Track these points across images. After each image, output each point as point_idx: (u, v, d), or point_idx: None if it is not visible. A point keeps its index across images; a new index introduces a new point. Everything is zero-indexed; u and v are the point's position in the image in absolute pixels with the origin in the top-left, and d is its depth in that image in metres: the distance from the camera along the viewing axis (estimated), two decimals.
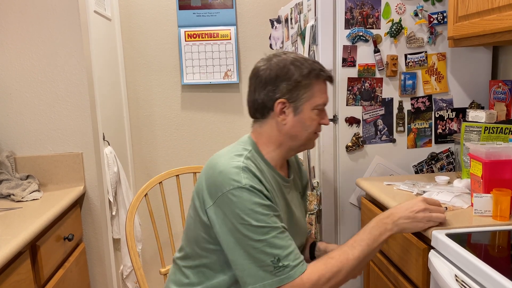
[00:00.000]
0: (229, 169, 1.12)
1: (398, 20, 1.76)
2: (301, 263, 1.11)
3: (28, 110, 1.88)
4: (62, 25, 1.85)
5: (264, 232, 1.09)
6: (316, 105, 1.21)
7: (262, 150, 1.24)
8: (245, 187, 1.10)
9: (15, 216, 1.53)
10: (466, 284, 1.02)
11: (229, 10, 2.73)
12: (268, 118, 1.22)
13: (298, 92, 1.18)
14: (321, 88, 1.22)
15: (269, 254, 1.08)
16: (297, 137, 1.23)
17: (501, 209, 1.23)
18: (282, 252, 1.09)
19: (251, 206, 1.09)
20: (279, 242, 1.09)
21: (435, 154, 1.86)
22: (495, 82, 1.78)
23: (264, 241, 1.08)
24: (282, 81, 1.18)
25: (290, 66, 1.18)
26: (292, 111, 1.20)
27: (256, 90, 1.22)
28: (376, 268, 1.65)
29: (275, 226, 1.10)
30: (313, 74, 1.19)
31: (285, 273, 1.08)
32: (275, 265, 1.08)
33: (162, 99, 2.82)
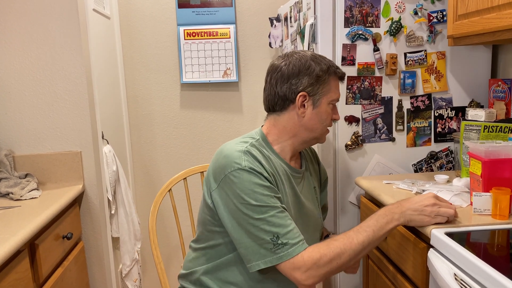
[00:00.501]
0: (232, 153, 1.20)
1: (397, 19, 1.76)
2: (301, 241, 1.15)
3: (27, 108, 1.88)
4: (61, 24, 1.85)
5: (263, 211, 1.14)
6: (332, 100, 1.30)
7: (272, 140, 1.31)
8: (245, 169, 1.17)
9: (14, 214, 1.53)
10: (465, 283, 1.02)
11: (228, 9, 2.73)
12: (287, 110, 1.29)
13: (318, 86, 1.27)
14: (336, 84, 1.32)
15: (268, 232, 1.13)
16: (313, 130, 1.31)
17: (500, 208, 1.23)
18: (281, 230, 1.13)
19: (251, 186, 1.15)
20: (278, 221, 1.14)
21: (435, 153, 1.86)
22: (494, 80, 1.78)
23: (263, 220, 1.14)
24: (304, 75, 1.26)
25: (311, 62, 1.26)
26: (312, 104, 1.28)
27: (277, 84, 1.28)
28: (375, 267, 1.65)
29: (274, 206, 1.16)
30: (331, 70, 1.28)
31: (284, 250, 1.12)
32: (275, 243, 1.13)
33: (161, 97, 2.82)
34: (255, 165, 1.18)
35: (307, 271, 1.12)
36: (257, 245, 1.14)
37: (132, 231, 2.35)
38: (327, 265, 1.12)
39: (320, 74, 1.26)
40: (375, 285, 1.67)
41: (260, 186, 1.16)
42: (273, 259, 1.13)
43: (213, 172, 1.23)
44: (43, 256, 1.50)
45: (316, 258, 1.12)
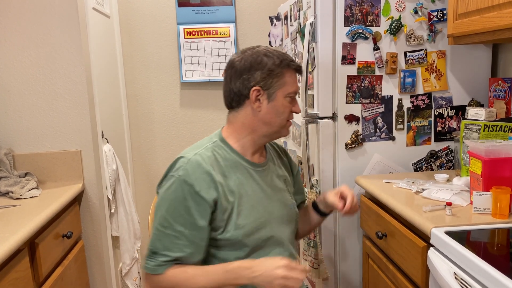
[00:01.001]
0: (180, 158, 1.24)
1: (397, 18, 1.76)
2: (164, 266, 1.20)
3: (26, 107, 1.88)
4: (61, 23, 1.84)
5: (164, 225, 1.20)
6: (288, 93, 1.29)
7: (231, 139, 1.32)
8: (179, 178, 1.20)
9: (14, 213, 1.53)
10: (465, 282, 1.02)
11: (228, 7, 2.72)
12: (243, 106, 1.30)
13: (272, 80, 1.26)
14: (292, 77, 1.30)
15: (153, 242, 1.21)
16: (270, 123, 1.30)
17: (500, 207, 1.23)
18: (161, 250, 1.20)
19: (171, 197, 1.20)
20: (167, 243, 1.20)
21: (435, 152, 1.86)
22: (494, 80, 1.78)
23: (158, 231, 1.21)
24: (256, 70, 1.26)
25: (263, 57, 1.27)
26: (266, 98, 1.28)
27: (232, 80, 1.30)
28: (375, 266, 1.65)
29: (175, 228, 1.19)
30: (284, 64, 1.28)
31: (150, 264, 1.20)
32: (151, 253, 1.21)
33: (161, 96, 2.81)
34: (193, 176, 1.19)
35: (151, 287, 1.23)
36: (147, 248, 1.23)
37: (132, 230, 2.35)
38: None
39: (273, 68, 1.26)
40: (375, 284, 1.67)
41: (180, 202, 1.19)
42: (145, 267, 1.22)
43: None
44: (43, 255, 1.50)
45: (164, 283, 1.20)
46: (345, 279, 1.90)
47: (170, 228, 1.20)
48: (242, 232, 1.23)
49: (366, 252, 1.75)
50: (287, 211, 1.37)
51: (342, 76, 1.77)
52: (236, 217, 1.23)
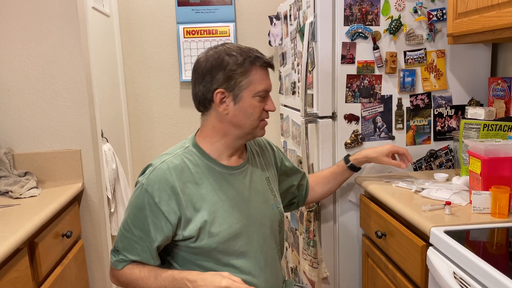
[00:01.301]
0: (150, 166, 1.24)
1: (397, 17, 1.76)
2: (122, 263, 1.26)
3: (26, 106, 1.88)
4: (61, 22, 1.84)
5: (125, 227, 1.24)
6: (256, 92, 1.22)
7: (204, 143, 1.27)
8: (142, 186, 1.20)
9: (13, 213, 1.53)
10: (464, 281, 1.03)
11: (228, 7, 2.72)
12: (211, 109, 1.25)
13: (235, 81, 1.20)
14: (260, 74, 1.23)
15: (116, 241, 1.27)
16: (240, 125, 1.24)
17: (499, 206, 1.23)
18: (121, 250, 1.25)
19: (134, 203, 1.22)
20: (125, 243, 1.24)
21: (434, 151, 1.86)
22: (494, 79, 1.77)
23: (120, 231, 1.25)
24: (218, 71, 1.20)
25: (225, 56, 1.20)
26: (232, 100, 1.22)
27: (196, 84, 1.25)
28: (374, 265, 1.65)
29: (133, 233, 1.22)
30: (248, 61, 1.20)
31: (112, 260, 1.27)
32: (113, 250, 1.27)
33: (160, 96, 2.82)
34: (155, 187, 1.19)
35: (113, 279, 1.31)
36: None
37: None
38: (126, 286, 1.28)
39: (234, 68, 1.19)
40: (374, 283, 1.67)
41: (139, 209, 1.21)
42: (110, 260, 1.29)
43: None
44: (43, 254, 1.50)
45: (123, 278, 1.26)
46: (344, 278, 1.90)
47: (130, 232, 1.23)
48: (217, 240, 1.21)
49: (365, 252, 1.75)
50: (269, 212, 1.34)
51: (341, 75, 1.77)
52: (210, 226, 1.21)
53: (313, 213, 1.83)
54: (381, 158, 1.57)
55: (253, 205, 1.30)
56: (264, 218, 1.32)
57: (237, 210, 1.26)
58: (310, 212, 1.84)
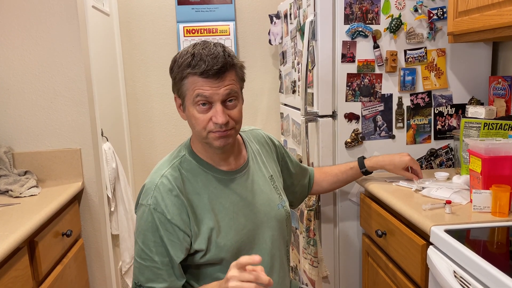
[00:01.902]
0: (148, 184, 1.17)
1: (397, 16, 1.75)
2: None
3: (26, 105, 1.88)
4: (60, 21, 1.84)
5: (143, 257, 1.15)
6: (193, 101, 1.12)
7: (198, 149, 1.22)
8: (149, 208, 1.14)
9: (13, 212, 1.53)
10: (464, 280, 1.02)
11: (228, 6, 2.72)
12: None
13: (179, 88, 1.15)
14: (196, 82, 1.11)
15: (137, 275, 1.16)
16: (195, 133, 1.19)
17: (500, 205, 1.23)
18: (145, 283, 1.15)
19: (144, 227, 1.14)
20: (148, 274, 1.15)
21: (434, 150, 1.86)
22: (494, 78, 1.77)
23: (139, 263, 1.16)
24: (171, 74, 1.17)
25: (175, 60, 1.14)
26: (182, 107, 1.18)
27: None
28: (374, 264, 1.65)
29: (153, 259, 1.14)
30: (182, 68, 1.12)
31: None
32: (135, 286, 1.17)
33: (160, 95, 2.81)
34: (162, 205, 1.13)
35: None
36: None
37: (132, 228, 2.35)
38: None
39: (176, 74, 1.13)
40: (374, 282, 1.67)
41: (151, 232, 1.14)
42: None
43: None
44: (43, 253, 1.50)
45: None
46: (344, 277, 1.90)
47: (149, 259, 1.14)
48: (225, 249, 1.18)
49: (365, 251, 1.75)
50: (274, 213, 1.29)
51: (342, 74, 1.77)
52: (216, 236, 1.17)
53: (313, 212, 1.83)
54: (398, 171, 1.59)
55: (258, 208, 1.26)
56: (270, 220, 1.28)
57: (242, 215, 1.22)
58: (310, 211, 1.84)
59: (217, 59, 1.10)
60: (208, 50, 1.11)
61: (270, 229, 1.27)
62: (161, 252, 1.14)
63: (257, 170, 1.32)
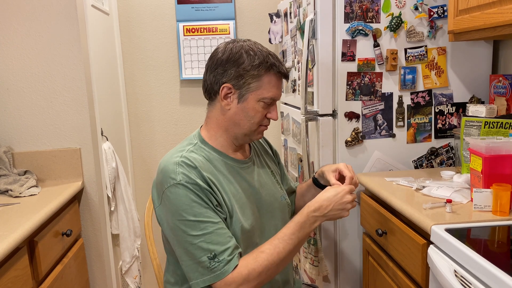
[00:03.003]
0: (168, 166, 1.16)
1: (398, 14, 1.75)
2: (234, 257, 1.13)
3: (25, 105, 1.87)
4: (60, 20, 1.84)
5: (202, 227, 1.12)
6: (262, 98, 1.21)
7: (210, 137, 1.27)
8: (181, 183, 1.13)
9: (13, 211, 1.52)
10: (465, 280, 1.02)
11: (228, 4, 2.71)
12: (214, 101, 1.26)
13: (245, 81, 1.19)
14: (272, 81, 1.21)
15: (206, 250, 1.11)
16: (239, 125, 1.23)
17: (501, 204, 1.23)
18: (219, 248, 1.11)
19: (188, 202, 1.12)
20: (216, 238, 1.12)
21: (435, 149, 1.86)
22: (495, 76, 1.77)
23: (202, 236, 1.11)
24: (231, 66, 1.19)
25: (243, 54, 1.19)
26: (237, 98, 1.21)
27: (207, 71, 1.24)
28: (375, 263, 1.65)
29: (213, 221, 1.13)
30: (264, 66, 1.19)
31: (220, 268, 1.11)
32: (211, 260, 1.11)
33: (160, 94, 2.81)
34: (192, 176, 1.14)
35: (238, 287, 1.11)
36: (194, 263, 1.12)
37: (132, 228, 2.35)
38: (256, 279, 1.13)
39: (249, 69, 1.18)
40: (375, 281, 1.67)
41: (197, 200, 1.13)
42: (210, 278, 1.11)
43: (155, 188, 1.21)
44: (43, 253, 1.49)
45: (245, 275, 1.11)
46: (345, 277, 1.89)
47: (210, 225, 1.12)
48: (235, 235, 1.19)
49: (366, 250, 1.75)
50: (278, 204, 1.35)
51: (342, 73, 1.76)
52: (232, 216, 1.20)
53: None
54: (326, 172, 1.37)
55: (264, 198, 1.31)
56: (274, 210, 1.33)
57: (251, 202, 1.27)
58: None
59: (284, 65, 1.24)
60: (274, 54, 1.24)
61: (275, 219, 1.33)
62: (214, 215, 1.14)
63: (260, 164, 1.38)
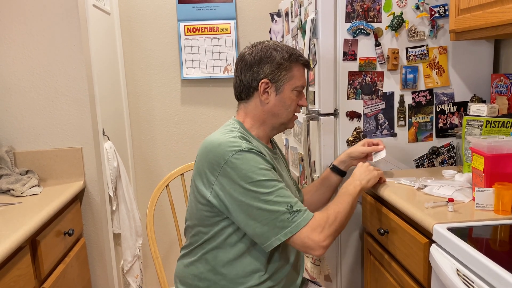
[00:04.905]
0: (228, 140, 1.25)
1: (399, 13, 1.75)
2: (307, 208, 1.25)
3: (27, 104, 1.88)
4: (61, 19, 1.84)
5: (273, 185, 1.21)
6: (296, 87, 1.36)
7: (249, 127, 1.38)
8: (246, 150, 1.23)
9: (15, 211, 1.53)
10: (467, 278, 1.02)
11: (229, 4, 2.71)
12: (252, 97, 1.37)
13: (280, 74, 1.33)
14: (300, 71, 1.38)
15: (282, 203, 1.20)
16: (278, 115, 1.37)
17: (502, 203, 1.23)
18: (292, 200, 1.22)
19: (256, 164, 1.22)
20: (286, 193, 1.23)
21: (436, 148, 1.86)
22: (496, 75, 1.77)
23: (275, 192, 1.21)
24: (265, 63, 1.33)
25: (273, 51, 1.33)
26: (274, 91, 1.35)
27: (242, 72, 1.35)
28: (377, 262, 1.65)
29: (279, 180, 1.25)
30: (293, 58, 1.34)
31: (300, 216, 1.20)
32: (290, 211, 1.20)
33: (161, 93, 2.81)
34: (254, 146, 1.25)
35: (323, 231, 1.21)
36: (273, 220, 1.19)
37: (133, 227, 2.35)
38: (334, 223, 1.24)
39: (281, 62, 1.32)
40: (377, 280, 1.67)
41: (264, 162, 1.24)
42: (292, 228, 1.19)
43: (209, 165, 1.25)
44: (45, 253, 1.50)
45: (325, 217, 1.23)
46: (347, 276, 1.90)
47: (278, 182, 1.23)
48: None
49: (367, 249, 1.75)
50: (295, 194, 1.46)
51: (343, 72, 1.76)
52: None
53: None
54: (358, 148, 1.62)
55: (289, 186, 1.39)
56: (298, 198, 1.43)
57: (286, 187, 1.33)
58: None
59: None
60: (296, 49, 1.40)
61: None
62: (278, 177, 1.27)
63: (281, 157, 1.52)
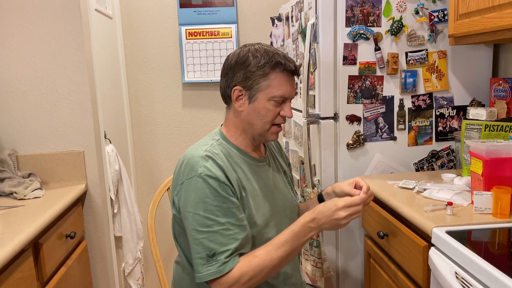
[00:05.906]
0: (192, 159, 1.20)
1: (398, 18, 1.76)
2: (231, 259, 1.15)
3: (29, 108, 1.89)
4: (63, 24, 1.85)
5: (208, 224, 1.15)
6: (272, 96, 1.24)
7: (230, 136, 1.32)
8: (201, 176, 1.17)
9: (18, 214, 1.54)
10: (466, 282, 1.03)
11: (230, 8, 2.73)
12: (230, 104, 1.31)
13: (253, 81, 1.23)
14: (280, 80, 1.24)
15: (206, 247, 1.14)
16: (253, 125, 1.28)
17: (501, 207, 1.24)
18: (219, 248, 1.14)
19: (203, 196, 1.16)
20: (219, 238, 1.15)
21: (436, 152, 1.87)
22: (495, 80, 1.78)
23: (206, 233, 1.15)
24: (239, 69, 1.24)
25: (250, 56, 1.24)
26: (248, 99, 1.26)
27: (221, 76, 1.31)
28: (376, 265, 1.66)
29: (220, 222, 1.15)
30: (269, 65, 1.22)
31: (214, 268, 1.13)
32: (209, 258, 1.14)
33: (163, 97, 2.82)
34: (213, 170, 1.17)
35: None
36: (196, 258, 1.16)
37: (135, 230, 2.36)
38: (247, 282, 1.15)
39: (254, 70, 1.22)
40: (376, 283, 1.67)
41: (213, 196, 1.16)
42: (202, 275, 1.14)
43: (175, 178, 1.25)
44: (47, 255, 1.51)
45: (237, 277, 1.14)
46: (346, 279, 1.90)
47: (216, 224, 1.15)
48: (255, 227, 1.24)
49: (367, 252, 1.76)
50: (289, 204, 1.40)
51: (343, 76, 1.78)
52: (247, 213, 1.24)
53: None
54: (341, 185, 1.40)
55: (277, 197, 1.35)
56: (286, 209, 1.38)
57: (267, 199, 1.31)
58: None
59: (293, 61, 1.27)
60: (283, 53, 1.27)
61: (286, 218, 1.37)
62: (226, 213, 1.16)
63: (274, 164, 1.43)
